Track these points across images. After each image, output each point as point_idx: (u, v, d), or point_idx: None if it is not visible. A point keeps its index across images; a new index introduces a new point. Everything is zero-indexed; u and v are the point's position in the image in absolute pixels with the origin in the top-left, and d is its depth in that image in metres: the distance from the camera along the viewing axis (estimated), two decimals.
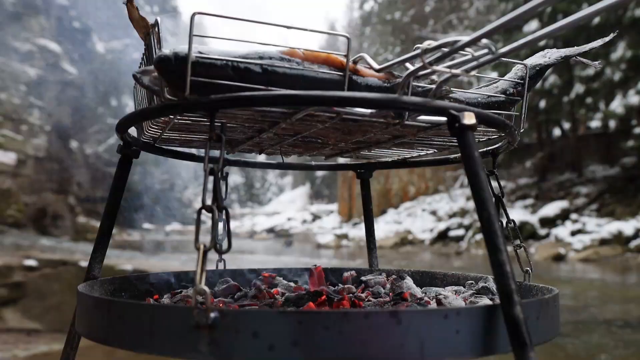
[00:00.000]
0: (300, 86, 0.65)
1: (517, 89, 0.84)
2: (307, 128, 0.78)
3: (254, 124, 0.78)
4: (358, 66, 0.70)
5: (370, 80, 0.70)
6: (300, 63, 0.66)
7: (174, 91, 0.63)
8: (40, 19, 19.55)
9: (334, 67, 0.68)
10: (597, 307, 5.30)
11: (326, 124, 0.74)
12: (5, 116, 16.14)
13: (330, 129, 0.78)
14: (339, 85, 0.67)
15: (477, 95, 0.81)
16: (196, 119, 0.78)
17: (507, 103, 0.83)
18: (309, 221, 30.83)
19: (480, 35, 0.58)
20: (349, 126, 0.77)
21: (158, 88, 0.63)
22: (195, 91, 0.62)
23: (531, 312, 0.65)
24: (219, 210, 0.60)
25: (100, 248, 0.95)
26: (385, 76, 0.72)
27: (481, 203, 0.61)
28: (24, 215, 14.30)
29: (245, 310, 0.59)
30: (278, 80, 0.64)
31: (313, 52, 0.67)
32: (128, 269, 5.25)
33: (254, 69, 0.63)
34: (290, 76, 0.65)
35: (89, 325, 0.69)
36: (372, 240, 1.28)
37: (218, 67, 0.62)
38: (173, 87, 0.62)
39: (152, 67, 0.64)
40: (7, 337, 4.19)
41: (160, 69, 0.62)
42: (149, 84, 0.64)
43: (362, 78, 0.70)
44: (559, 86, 14.43)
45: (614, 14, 12.57)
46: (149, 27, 0.72)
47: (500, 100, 0.82)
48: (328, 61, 0.68)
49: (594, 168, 16.42)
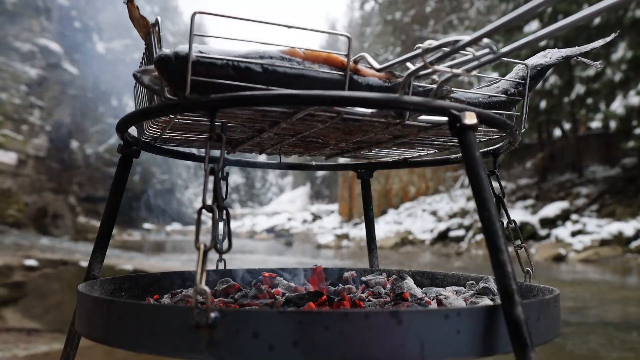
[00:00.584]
0: (300, 86, 0.64)
1: (518, 88, 0.84)
2: (308, 128, 0.78)
3: (254, 124, 0.78)
4: (359, 66, 0.70)
5: (371, 80, 0.70)
6: (301, 63, 0.66)
7: (174, 90, 0.63)
8: (41, 20, 19.55)
9: (334, 66, 0.68)
10: (597, 308, 5.30)
11: (327, 124, 0.74)
12: (6, 116, 16.14)
13: (330, 129, 0.78)
14: (340, 84, 0.67)
15: (478, 95, 0.80)
16: (196, 119, 0.77)
17: (508, 103, 0.83)
18: (309, 221, 30.84)
19: (481, 35, 0.58)
20: (349, 126, 0.77)
21: (158, 87, 0.63)
22: (196, 91, 0.61)
23: (532, 313, 0.65)
24: (220, 210, 0.60)
25: (101, 248, 0.94)
26: (386, 76, 0.71)
27: (482, 203, 0.61)
28: (24, 215, 14.30)
29: (246, 310, 0.59)
30: (278, 79, 0.64)
31: (314, 51, 0.67)
32: (128, 269, 5.24)
33: (255, 69, 0.63)
34: (291, 76, 0.64)
35: (89, 325, 0.69)
36: (373, 240, 1.28)
37: (218, 66, 0.62)
38: (173, 86, 0.62)
39: (153, 67, 0.64)
40: (7, 336, 4.19)
41: (160, 68, 0.62)
42: (150, 84, 0.64)
43: (363, 78, 0.70)
44: (559, 87, 14.43)
45: (614, 15, 12.56)
46: (150, 27, 0.72)
47: (501, 100, 0.82)
48: (329, 61, 0.67)
49: (594, 168, 16.42)
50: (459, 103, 0.77)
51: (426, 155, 1.08)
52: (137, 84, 0.89)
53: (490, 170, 0.91)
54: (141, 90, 0.86)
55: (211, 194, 0.60)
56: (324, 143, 0.91)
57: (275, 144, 0.93)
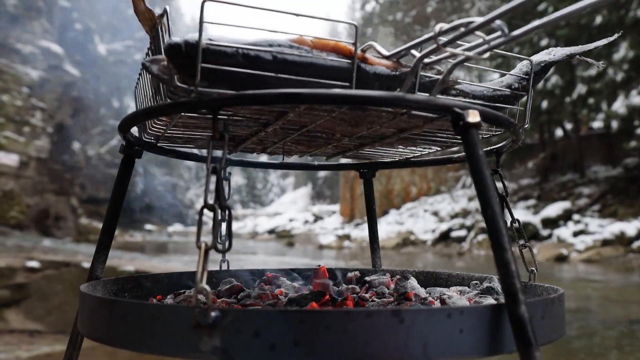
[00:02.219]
0: (309, 74, 0.64)
1: (522, 83, 0.84)
2: (314, 119, 0.77)
3: (260, 116, 0.77)
4: (367, 55, 0.70)
5: (379, 68, 0.70)
6: (310, 51, 0.65)
7: (183, 79, 0.62)
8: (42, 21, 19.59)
9: (342, 55, 0.67)
10: (599, 308, 5.28)
11: (334, 114, 0.73)
12: (8, 118, 16.17)
13: (337, 120, 0.77)
14: (348, 73, 0.66)
15: (482, 89, 0.80)
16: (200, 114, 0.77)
17: (511, 97, 0.83)
18: (311, 222, 30.82)
19: (494, 17, 0.58)
20: (356, 117, 0.76)
21: (167, 77, 0.63)
22: (205, 79, 0.61)
23: (536, 312, 0.64)
24: (222, 209, 0.60)
25: (103, 249, 0.94)
26: (394, 65, 0.71)
27: (485, 201, 0.61)
28: (26, 217, 14.32)
29: (247, 310, 0.59)
30: (287, 67, 0.63)
31: (322, 40, 0.67)
32: (130, 269, 5.25)
33: (264, 57, 0.62)
34: (300, 64, 0.64)
35: (91, 325, 0.69)
36: (376, 240, 1.28)
37: (228, 54, 0.61)
38: (183, 74, 0.62)
39: (162, 56, 0.64)
40: (10, 338, 4.19)
41: (170, 55, 0.61)
42: (159, 73, 0.63)
43: (371, 66, 0.69)
44: (561, 87, 14.41)
45: (615, 15, 12.54)
46: (156, 19, 0.72)
47: (505, 94, 0.82)
48: (336, 49, 0.67)
49: (596, 169, 16.39)
50: (464, 95, 0.77)
51: (428, 155, 1.08)
52: (138, 84, 0.89)
53: (494, 169, 0.90)
54: (142, 89, 0.86)
55: (213, 194, 0.60)
56: (327, 138, 0.90)
57: (279, 140, 0.92)
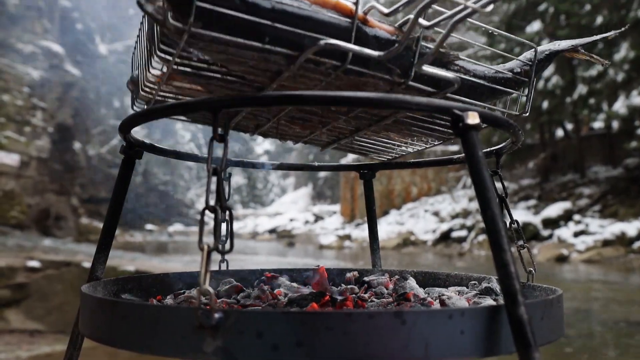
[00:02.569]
0: (307, 27, 0.63)
1: (524, 68, 0.83)
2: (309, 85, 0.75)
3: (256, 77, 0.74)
4: (368, 17, 0.69)
5: (379, 32, 0.69)
6: (310, 5, 0.64)
7: (177, 17, 0.60)
8: (43, 21, 19.61)
9: (342, 14, 0.66)
10: (600, 309, 5.28)
11: (329, 77, 0.71)
12: (9, 118, 16.18)
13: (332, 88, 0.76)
14: (347, 32, 0.65)
15: (484, 68, 0.79)
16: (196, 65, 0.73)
17: (513, 81, 0.82)
18: (312, 222, 30.82)
19: None
20: (351, 83, 0.74)
21: (161, 17, 0.62)
22: (200, 19, 0.59)
23: (535, 313, 0.65)
24: (223, 210, 0.60)
25: (104, 249, 0.95)
26: (395, 31, 0.70)
27: (485, 202, 0.61)
28: (27, 217, 14.33)
29: (249, 311, 0.59)
30: (285, 18, 0.62)
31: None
32: (130, 270, 5.25)
33: (263, 4, 0.61)
34: (299, 17, 0.63)
35: (92, 325, 0.69)
36: (376, 240, 1.28)
37: None
38: (177, 12, 0.60)
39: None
40: (10, 338, 4.20)
41: None
42: (153, 12, 0.62)
43: (371, 29, 0.68)
44: (561, 87, 14.41)
45: (616, 15, 12.54)
46: None
47: (506, 76, 0.81)
48: (337, 7, 0.66)
49: (596, 169, 16.38)
50: (465, 72, 0.76)
51: (428, 155, 1.08)
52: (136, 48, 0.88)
53: (493, 170, 0.91)
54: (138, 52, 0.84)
55: (214, 195, 0.60)
56: (322, 116, 0.88)
57: (272, 116, 0.90)
